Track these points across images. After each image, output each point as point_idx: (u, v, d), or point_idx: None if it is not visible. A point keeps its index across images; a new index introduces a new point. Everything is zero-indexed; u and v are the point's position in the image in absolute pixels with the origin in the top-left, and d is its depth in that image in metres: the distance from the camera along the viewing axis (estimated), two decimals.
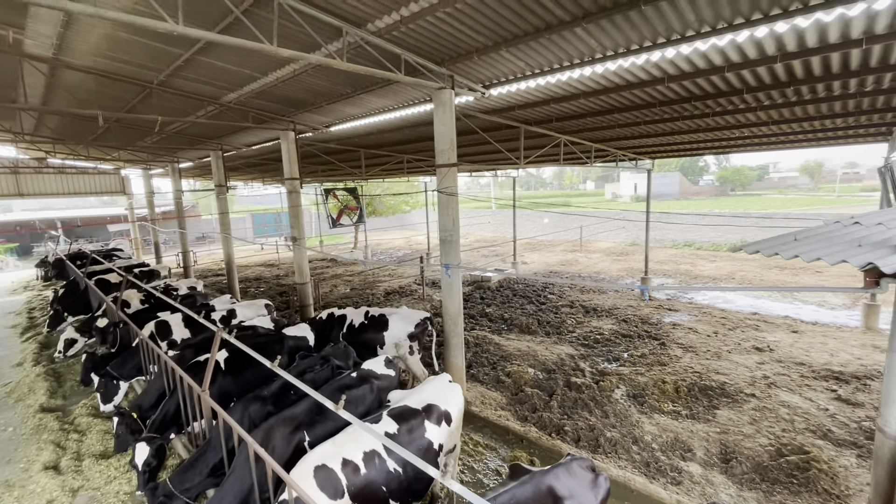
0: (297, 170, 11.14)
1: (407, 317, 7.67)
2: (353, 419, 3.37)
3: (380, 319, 7.68)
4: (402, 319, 7.61)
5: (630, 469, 6.05)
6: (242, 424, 4.79)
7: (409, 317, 7.67)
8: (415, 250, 30.00)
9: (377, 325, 7.63)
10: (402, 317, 7.66)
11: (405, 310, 7.94)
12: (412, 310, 7.92)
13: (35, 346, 10.66)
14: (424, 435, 4.36)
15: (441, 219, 7.47)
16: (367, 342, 7.56)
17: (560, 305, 13.90)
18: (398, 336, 7.44)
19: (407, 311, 7.87)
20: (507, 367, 9.28)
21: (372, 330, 7.60)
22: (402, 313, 7.79)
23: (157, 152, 18.04)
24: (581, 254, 24.46)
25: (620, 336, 11.08)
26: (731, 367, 9.05)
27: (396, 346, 7.39)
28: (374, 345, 7.53)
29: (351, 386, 5.03)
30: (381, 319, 7.66)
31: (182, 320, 8.01)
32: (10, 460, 6.22)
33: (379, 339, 7.51)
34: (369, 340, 7.57)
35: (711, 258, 21.70)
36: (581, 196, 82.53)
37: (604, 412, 7.51)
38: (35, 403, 7.73)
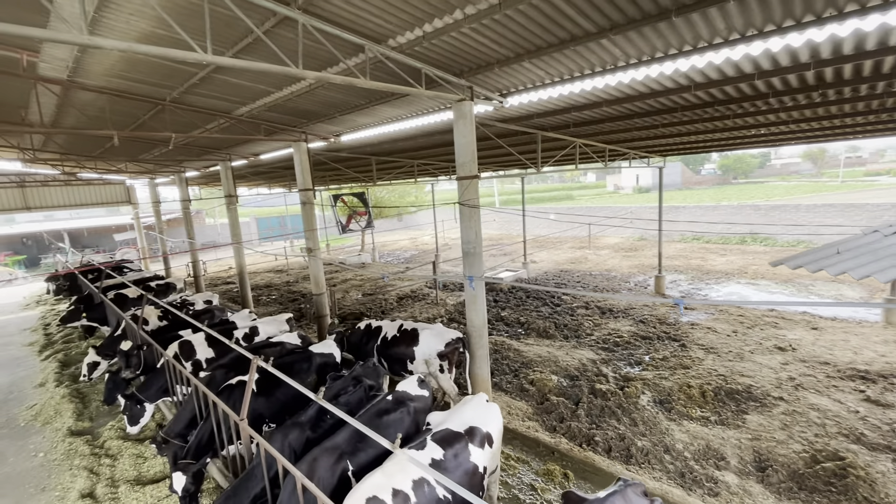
0: (311, 180, 11.08)
1: (439, 334, 7.66)
2: (404, 453, 3.35)
3: (411, 333, 7.69)
4: (433, 336, 7.59)
5: (665, 480, 6.03)
6: (283, 453, 4.78)
7: (441, 334, 7.66)
8: (421, 251, 29.97)
9: (408, 338, 7.64)
10: (434, 333, 7.65)
11: (439, 327, 7.93)
12: (446, 328, 7.90)
13: (55, 366, 10.68)
14: (469, 459, 4.34)
15: (463, 231, 7.41)
16: (398, 356, 7.64)
17: (575, 307, 13.86)
18: (428, 352, 7.42)
19: (441, 328, 7.85)
20: (530, 375, 9.25)
21: (403, 344, 7.62)
22: (435, 330, 7.79)
23: (164, 163, 18.00)
24: (590, 251, 24.39)
25: (640, 338, 11.05)
26: (754, 368, 9.01)
27: (427, 363, 7.37)
28: (405, 359, 7.55)
29: (388, 410, 5.01)
30: (413, 333, 7.66)
31: (205, 339, 7.99)
32: (45, 488, 6.23)
33: (409, 353, 7.51)
34: (400, 354, 7.63)
35: (721, 252, 21.62)
36: (582, 188, 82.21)
37: (632, 420, 7.48)
38: (63, 427, 7.74)
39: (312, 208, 11.28)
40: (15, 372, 10.96)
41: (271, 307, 16.63)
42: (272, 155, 13.50)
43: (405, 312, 14.59)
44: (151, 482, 6.08)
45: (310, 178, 11.07)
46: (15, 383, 10.20)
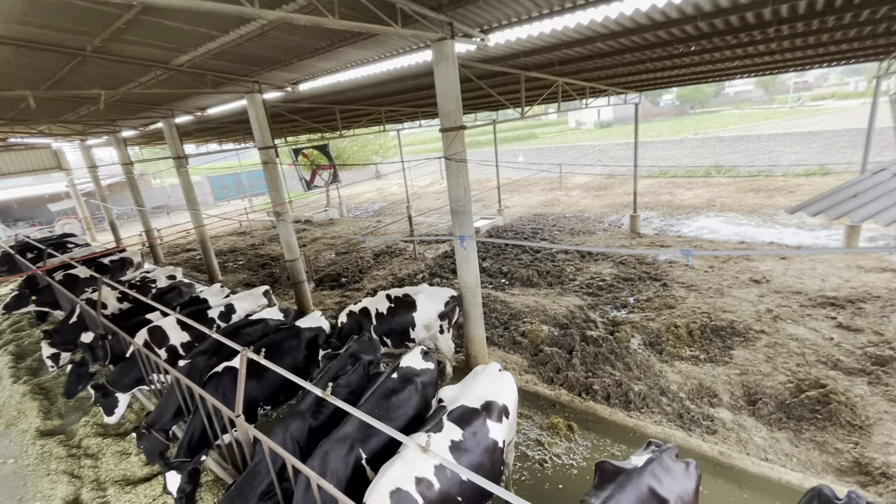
0: (271, 136, 10.02)
1: (434, 294, 7.32)
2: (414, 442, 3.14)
3: (406, 301, 7.22)
4: (430, 298, 7.22)
5: (666, 423, 6.22)
6: (286, 447, 4.48)
7: (436, 294, 7.33)
8: (390, 202, 29.08)
9: (404, 307, 7.18)
10: (429, 295, 7.28)
11: (428, 288, 7.54)
12: (438, 287, 7.56)
13: (8, 359, 9.76)
14: (488, 435, 4.18)
15: (451, 188, 6.89)
16: (398, 328, 7.18)
17: (555, 252, 13.85)
18: (428, 316, 7.07)
19: (432, 289, 7.49)
20: (521, 326, 9.23)
21: (400, 314, 7.15)
22: (428, 291, 7.40)
23: (95, 123, 15.94)
24: (561, 192, 24.32)
25: (622, 280, 11.19)
26: (734, 303, 9.33)
27: (427, 328, 7.06)
28: (406, 329, 7.15)
29: (396, 390, 4.73)
30: (408, 301, 7.21)
31: (178, 321, 7.35)
32: (23, 498, 5.76)
33: (409, 321, 7.09)
34: (399, 326, 7.17)
35: (688, 186, 22.03)
36: (545, 126, 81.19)
37: (626, 365, 7.64)
38: (30, 427, 7.13)
39: (276, 167, 10.31)
40: None
41: (240, 274, 15.80)
42: (222, 108, 12.10)
43: (384, 270, 14.19)
44: (142, 481, 5.72)
45: (269, 133, 9.99)
46: None
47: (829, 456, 5.45)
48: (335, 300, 12.14)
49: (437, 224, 20.15)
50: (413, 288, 7.55)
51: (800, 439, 5.75)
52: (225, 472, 5.52)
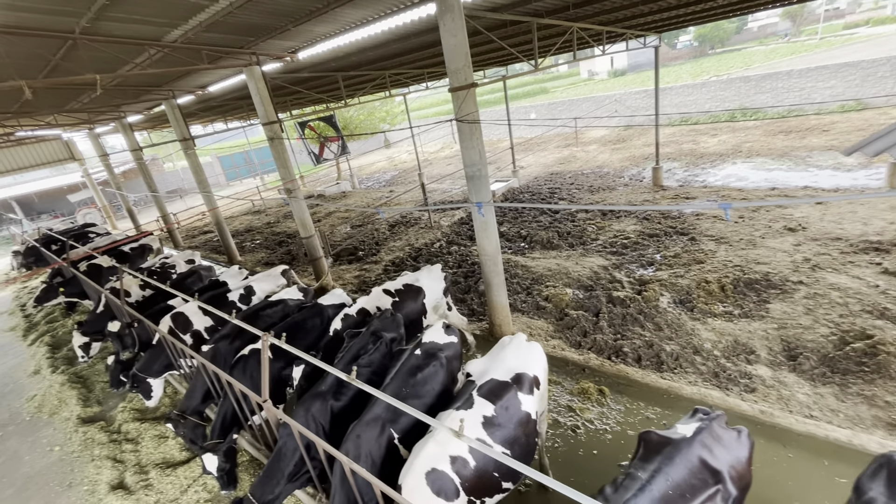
0: (274, 111, 9.66)
1: (431, 272, 6.93)
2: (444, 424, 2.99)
3: (412, 289, 6.61)
4: (431, 278, 6.82)
5: (701, 384, 6.02)
6: (308, 428, 4.44)
7: (432, 271, 6.96)
8: (401, 170, 28.61)
9: (412, 295, 6.58)
10: (429, 276, 6.85)
11: (424, 269, 7.09)
12: (429, 266, 7.14)
13: (45, 350, 10.08)
14: (521, 408, 4.04)
15: (465, 152, 6.52)
16: (408, 320, 6.37)
17: (575, 212, 13.40)
18: (436, 298, 6.74)
19: (427, 268, 7.06)
20: (543, 291, 9.01)
21: (408, 303, 6.54)
22: (423, 272, 6.94)
23: (98, 109, 15.75)
24: (577, 148, 23.43)
25: (647, 236, 10.78)
26: (768, 254, 8.88)
27: (435, 309, 6.82)
28: (418, 317, 6.56)
29: (420, 366, 4.60)
30: (413, 289, 6.62)
31: (199, 307, 7.35)
32: (71, 484, 5.98)
33: (419, 308, 6.58)
34: (410, 316, 6.42)
35: (712, 132, 20.91)
36: (556, 79, 77.70)
37: (656, 325, 7.39)
38: (72, 416, 7.37)
39: (282, 143, 10.01)
40: (4, 362, 10.36)
41: (258, 253, 15.85)
42: (222, 85, 11.73)
43: (400, 241, 14.01)
44: (181, 463, 5.86)
45: (272, 108, 9.64)
46: (8, 374, 9.66)
47: (879, 410, 5.19)
48: (354, 274, 12.08)
49: (450, 190, 19.73)
50: (409, 275, 6.91)
51: (846, 394, 5.49)
52: (259, 453, 5.59)
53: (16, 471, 6.48)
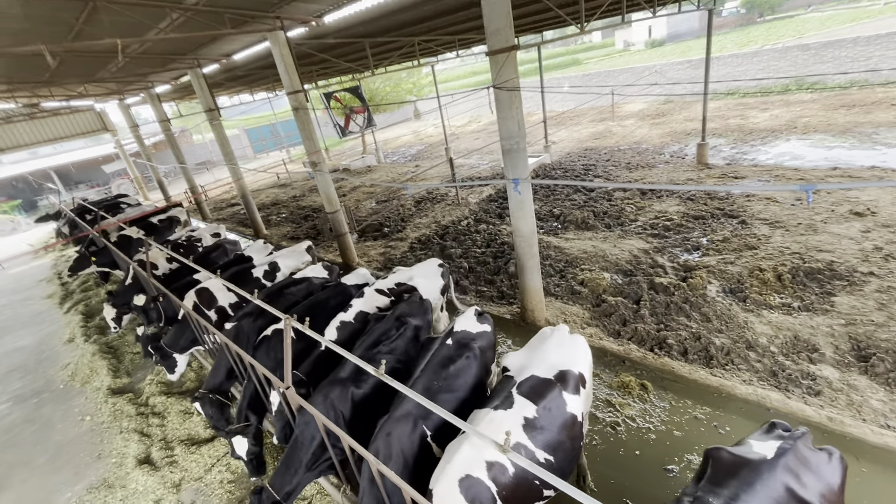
0: (299, 80, 9.24)
1: (427, 269, 6.28)
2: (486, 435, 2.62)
3: (405, 289, 5.90)
4: (426, 277, 6.13)
5: (757, 383, 5.48)
6: (328, 416, 4.19)
7: (427, 266, 6.33)
8: (427, 144, 27.95)
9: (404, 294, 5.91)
10: (424, 275, 6.14)
11: (418, 268, 6.34)
12: (422, 263, 6.47)
13: (79, 319, 10.28)
14: (566, 409, 3.65)
15: (502, 123, 5.97)
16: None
17: (611, 190, 12.64)
18: (433, 298, 5.97)
19: (420, 268, 6.34)
20: (578, 275, 8.50)
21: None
22: (420, 271, 6.23)
23: (126, 79, 15.68)
24: (613, 122, 22.20)
25: (692, 218, 10.01)
26: (832, 241, 8.06)
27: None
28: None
29: (452, 357, 4.24)
30: (406, 288, 5.92)
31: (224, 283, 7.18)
32: (100, 455, 6.02)
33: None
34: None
35: (762, 106, 19.35)
36: (588, 50, 73.97)
37: (703, 315, 6.82)
38: (103, 386, 7.44)
39: (307, 113, 9.61)
40: (41, 328, 10.66)
41: (284, 227, 15.76)
42: (247, 53, 11.34)
43: (426, 217, 13.60)
44: (206, 441, 5.78)
45: (297, 76, 9.20)
46: (44, 341, 9.91)
47: None
48: (379, 251, 11.80)
49: (477, 166, 19.08)
50: (402, 272, 6.23)
51: None
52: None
53: (49, 438, 6.58)
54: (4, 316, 12.04)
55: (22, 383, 8.30)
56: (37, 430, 6.86)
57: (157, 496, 5.09)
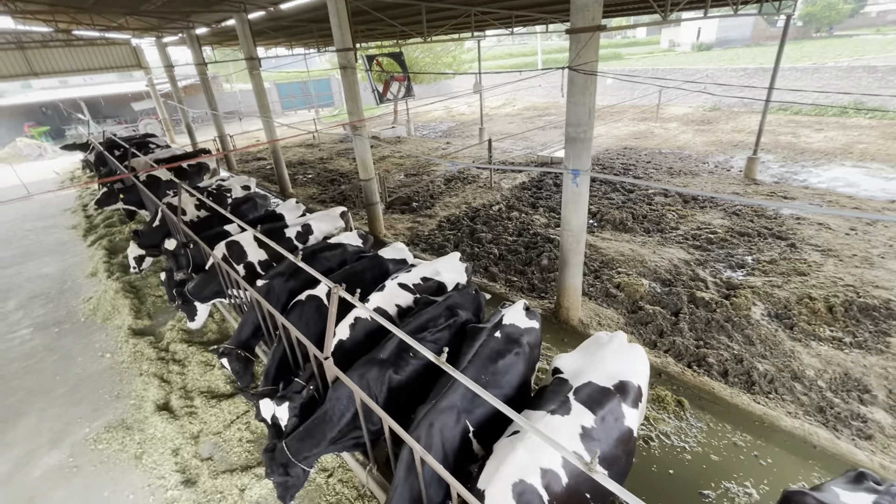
0: (351, 37, 8.84)
1: (453, 268, 5.80)
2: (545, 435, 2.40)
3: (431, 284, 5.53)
4: (453, 271, 5.74)
5: (803, 416, 5.22)
6: None
7: (454, 266, 5.83)
8: (459, 122, 27.36)
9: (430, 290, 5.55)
10: (450, 270, 5.73)
11: (443, 262, 5.85)
12: (445, 258, 6.02)
13: (103, 254, 10.23)
14: (623, 423, 3.43)
15: (572, 108, 5.60)
16: None
17: (652, 194, 12.18)
18: None
19: (445, 262, 5.87)
20: (615, 277, 8.20)
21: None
22: (445, 266, 5.74)
23: (169, 16, 15.29)
24: (655, 123, 21.42)
25: (737, 234, 9.59)
26: (890, 277, 7.64)
27: None
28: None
29: (501, 352, 4.02)
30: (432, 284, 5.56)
31: (255, 238, 7.00)
32: (119, 394, 5.97)
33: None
34: None
35: (816, 126, 18.49)
36: (631, 45, 71.50)
37: (746, 337, 6.52)
38: (123, 325, 7.39)
39: (354, 73, 9.23)
40: (64, 259, 10.65)
41: (310, 188, 15.53)
42: (298, 2, 10.90)
43: (456, 197, 13.28)
44: (226, 396, 5.69)
45: (349, 33, 8.80)
46: (67, 272, 9.90)
47: None
48: (406, 225, 11.55)
49: (510, 151, 18.57)
50: (426, 265, 5.75)
51: None
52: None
53: (68, 371, 6.56)
54: (29, 241, 12.08)
55: (44, 311, 8.30)
56: (57, 359, 6.84)
57: (175, 445, 5.02)
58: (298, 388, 4.21)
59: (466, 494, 2.62)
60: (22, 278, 9.80)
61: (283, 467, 3.61)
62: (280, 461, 3.61)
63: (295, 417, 4.02)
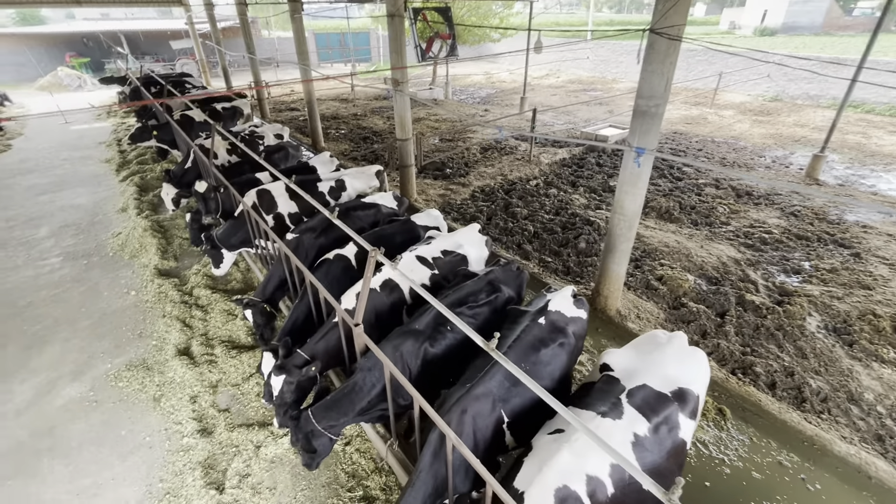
0: None
1: (475, 241, 5.36)
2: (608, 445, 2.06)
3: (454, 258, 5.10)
4: (475, 247, 5.29)
5: (859, 444, 4.78)
6: None
7: (475, 240, 5.38)
8: (498, 89, 26.25)
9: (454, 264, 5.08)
10: (472, 244, 5.30)
11: (463, 234, 5.39)
12: (464, 230, 5.51)
13: (134, 190, 10.18)
14: (678, 435, 3.08)
15: (646, 78, 5.00)
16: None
17: (702, 184, 11.39)
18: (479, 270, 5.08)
19: (465, 234, 5.39)
20: (657, 269, 7.69)
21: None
22: (467, 239, 5.30)
23: None
24: (710, 109, 20.04)
25: (794, 237, 8.87)
26: None
27: None
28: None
29: (545, 341, 3.66)
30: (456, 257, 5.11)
31: (286, 189, 6.72)
32: (142, 334, 5.92)
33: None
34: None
35: (890, 128, 16.93)
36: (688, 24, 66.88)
37: (798, 349, 6.02)
38: (150, 264, 7.32)
39: (402, 23, 8.63)
40: (97, 192, 10.67)
41: (342, 144, 15.15)
42: None
43: (492, 167, 12.72)
44: (247, 349, 5.56)
45: None
46: (98, 205, 9.91)
47: None
48: (438, 191, 11.13)
49: (551, 124, 17.69)
50: (446, 238, 5.30)
51: None
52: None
53: (94, 304, 6.54)
54: (64, 170, 12.15)
55: (74, 241, 8.32)
56: (84, 291, 6.84)
57: (193, 392, 4.93)
58: (300, 361, 3.90)
59: (504, 495, 2.34)
60: (55, 206, 9.85)
61: (309, 435, 3.42)
62: (305, 429, 3.41)
63: (291, 394, 3.76)
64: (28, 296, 6.75)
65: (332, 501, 3.84)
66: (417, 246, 5.12)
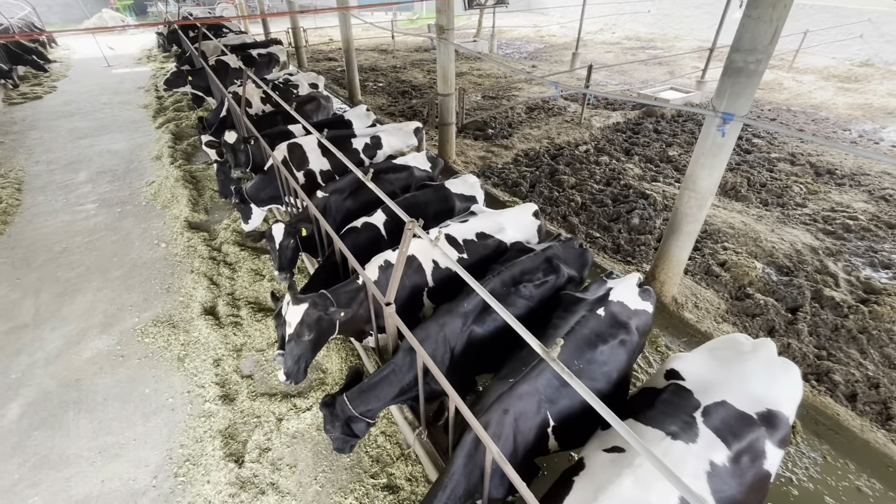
0: None
1: (524, 226, 4.68)
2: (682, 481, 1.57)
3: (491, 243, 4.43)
4: (523, 233, 4.63)
5: None
6: (436, 351, 3.36)
7: (525, 224, 4.71)
8: (547, 44, 24.37)
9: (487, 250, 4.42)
10: (519, 229, 4.63)
11: (510, 214, 4.76)
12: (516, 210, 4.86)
13: (169, 138, 9.99)
14: (763, 465, 2.55)
15: (750, 24, 4.09)
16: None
17: (774, 158, 10.14)
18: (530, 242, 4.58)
19: (513, 215, 4.75)
20: (719, 253, 6.89)
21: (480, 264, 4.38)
22: (513, 222, 4.64)
23: None
24: (787, 74, 17.87)
25: (884, 225, 7.75)
26: None
27: None
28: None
29: (604, 336, 3.14)
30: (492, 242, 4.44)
31: (318, 144, 6.25)
32: (170, 288, 5.78)
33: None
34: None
35: None
36: None
37: (886, 357, 5.25)
38: (180, 216, 7.15)
39: None
40: (134, 137, 10.58)
41: (379, 97, 14.44)
42: None
43: (538, 129, 11.79)
44: (272, 313, 5.29)
45: None
46: (134, 151, 9.82)
47: None
48: (479, 153, 10.43)
49: (604, 84, 16.26)
50: (487, 216, 4.65)
51: None
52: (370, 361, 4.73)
53: (126, 254, 6.46)
54: (104, 115, 12.13)
55: (110, 188, 8.27)
56: (117, 240, 6.76)
57: (217, 354, 4.76)
58: (324, 303, 3.49)
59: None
60: (94, 151, 9.83)
61: (345, 422, 3.12)
62: (341, 416, 3.11)
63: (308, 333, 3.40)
64: (64, 241, 6.74)
65: (354, 486, 3.59)
66: (451, 222, 4.53)
